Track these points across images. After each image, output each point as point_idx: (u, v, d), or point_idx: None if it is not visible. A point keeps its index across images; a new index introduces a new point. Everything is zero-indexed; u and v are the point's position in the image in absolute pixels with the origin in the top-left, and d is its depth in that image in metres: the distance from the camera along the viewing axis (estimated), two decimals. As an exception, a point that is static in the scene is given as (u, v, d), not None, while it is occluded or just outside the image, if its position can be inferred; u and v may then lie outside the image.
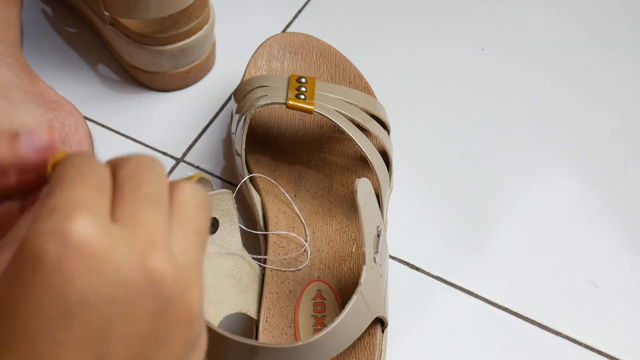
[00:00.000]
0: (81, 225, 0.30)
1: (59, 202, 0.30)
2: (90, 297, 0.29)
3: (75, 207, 0.30)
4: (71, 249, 0.29)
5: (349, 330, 0.50)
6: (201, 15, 0.66)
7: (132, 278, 0.30)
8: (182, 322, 0.32)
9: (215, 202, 0.53)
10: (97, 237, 0.30)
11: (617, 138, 0.69)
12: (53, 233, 0.29)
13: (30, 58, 0.66)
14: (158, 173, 0.34)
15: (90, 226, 0.30)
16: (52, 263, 0.29)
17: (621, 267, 0.62)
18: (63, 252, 0.29)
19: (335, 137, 0.64)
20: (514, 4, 0.77)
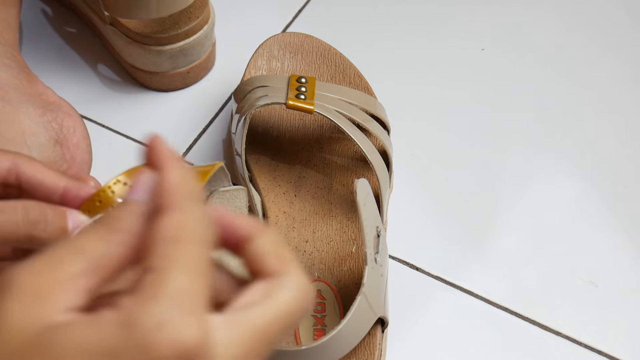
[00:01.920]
0: (199, 335, 0.30)
1: (175, 298, 0.30)
2: None
3: (189, 311, 0.30)
4: (191, 354, 0.29)
5: (354, 331, 0.51)
6: (201, 15, 0.66)
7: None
8: None
9: (231, 198, 0.53)
10: (202, 344, 0.30)
11: (617, 138, 0.69)
12: (170, 342, 0.29)
13: (30, 58, 0.67)
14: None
15: (203, 332, 0.30)
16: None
17: (621, 267, 0.62)
18: (185, 356, 0.29)
19: (335, 137, 0.64)
20: (514, 5, 0.77)
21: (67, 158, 0.58)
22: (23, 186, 0.39)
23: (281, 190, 0.61)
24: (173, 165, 0.34)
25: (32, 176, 0.39)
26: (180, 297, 0.30)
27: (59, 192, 0.39)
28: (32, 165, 0.39)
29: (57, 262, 0.31)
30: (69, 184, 0.39)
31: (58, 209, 0.37)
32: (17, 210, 0.37)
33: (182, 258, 0.31)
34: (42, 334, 0.29)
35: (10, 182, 0.39)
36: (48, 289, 0.30)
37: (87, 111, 0.68)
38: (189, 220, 0.32)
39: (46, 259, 0.31)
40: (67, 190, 0.39)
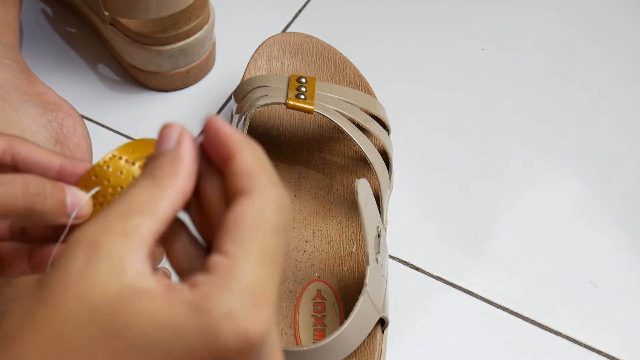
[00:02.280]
0: (262, 327, 0.30)
1: (254, 287, 0.31)
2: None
3: (270, 301, 0.31)
4: (251, 346, 0.30)
5: (358, 331, 0.51)
6: (201, 15, 0.66)
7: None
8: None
9: None
10: (267, 336, 0.31)
11: (617, 138, 0.69)
12: (237, 332, 0.30)
13: (30, 58, 0.67)
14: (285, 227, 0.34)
15: (267, 326, 0.31)
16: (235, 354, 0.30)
17: (621, 267, 0.62)
18: (245, 348, 0.30)
19: (335, 137, 0.64)
20: (514, 4, 0.77)
21: (67, 158, 0.58)
22: (19, 166, 0.39)
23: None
24: (247, 147, 0.34)
25: (28, 155, 0.39)
26: (252, 288, 0.30)
27: (55, 170, 0.39)
28: (26, 145, 0.39)
29: (123, 219, 0.31)
30: (64, 162, 0.39)
31: (57, 184, 0.38)
32: (17, 182, 0.37)
33: (257, 248, 0.31)
34: (122, 295, 0.30)
35: (6, 163, 0.39)
36: (121, 247, 0.31)
37: (87, 111, 0.68)
38: (268, 208, 0.32)
39: (112, 216, 0.32)
40: (63, 167, 0.39)
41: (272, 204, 0.33)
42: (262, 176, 0.33)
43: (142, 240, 0.31)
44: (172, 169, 0.33)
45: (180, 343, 0.30)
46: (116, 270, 0.30)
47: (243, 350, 0.30)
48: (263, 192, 0.33)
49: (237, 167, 0.33)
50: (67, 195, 0.37)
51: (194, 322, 0.30)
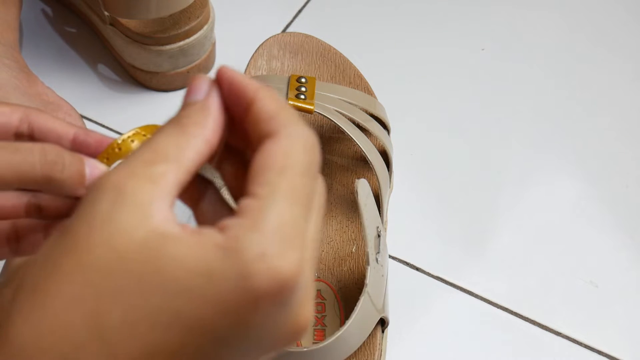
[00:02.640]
0: (294, 268, 0.29)
1: (284, 227, 0.30)
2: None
3: (297, 242, 0.30)
4: (284, 287, 0.29)
5: (359, 331, 0.51)
6: (201, 15, 0.66)
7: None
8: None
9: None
10: (301, 277, 0.30)
11: (617, 138, 0.69)
12: (270, 273, 0.29)
13: (30, 58, 0.67)
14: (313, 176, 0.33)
15: (299, 266, 0.30)
16: (267, 302, 0.29)
17: (621, 267, 0.62)
18: (278, 290, 0.29)
19: (335, 137, 0.64)
20: (514, 5, 0.77)
21: (67, 158, 0.58)
22: (35, 134, 0.39)
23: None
24: (266, 92, 0.33)
25: (44, 124, 0.39)
26: (283, 228, 0.30)
27: (69, 138, 0.39)
28: (42, 115, 0.39)
29: (149, 165, 0.31)
30: (78, 131, 0.39)
31: (76, 155, 0.37)
32: (34, 150, 0.36)
33: (286, 188, 0.31)
34: (149, 240, 0.29)
35: (23, 132, 0.39)
36: (147, 193, 0.30)
37: (87, 111, 0.68)
38: (295, 147, 0.32)
39: (138, 162, 0.31)
40: (76, 136, 0.39)
41: (299, 143, 0.32)
42: (286, 117, 0.32)
43: (167, 187, 0.30)
44: (200, 118, 0.33)
45: (213, 286, 0.29)
46: (143, 215, 0.29)
47: (276, 292, 0.29)
48: (289, 133, 0.32)
49: (260, 112, 0.32)
50: (87, 166, 0.37)
51: (226, 264, 0.29)
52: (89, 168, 0.37)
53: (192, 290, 0.28)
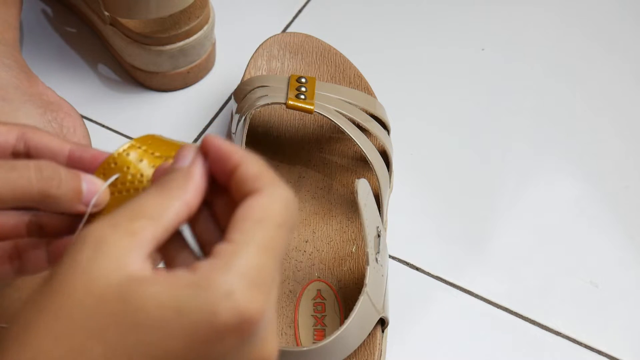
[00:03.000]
0: (263, 304, 0.32)
1: (253, 271, 0.33)
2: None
3: (270, 284, 0.33)
4: (247, 324, 0.32)
5: (359, 331, 0.51)
6: (201, 15, 0.66)
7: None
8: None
9: None
10: (263, 318, 0.33)
11: (617, 138, 0.69)
12: (234, 310, 0.32)
13: (30, 58, 0.66)
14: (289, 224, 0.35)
15: (263, 305, 0.32)
16: (231, 334, 0.32)
17: (621, 267, 0.62)
18: (242, 326, 0.32)
19: (335, 137, 0.64)
20: (514, 4, 0.77)
21: (67, 158, 0.58)
22: (31, 152, 0.40)
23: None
24: (251, 157, 0.36)
25: (39, 142, 0.40)
26: (252, 272, 0.33)
27: (65, 155, 0.40)
28: (38, 133, 0.40)
29: (131, 220, 0.33)
30: (73, 147, 0.40)
31: (72, 171, 0.38)
32: (30, 167, 0.37)
33: (260, 236, 0.34)
34: (124, 285, 0.32)
35: (19, 150, 0.40)
36: (125, 244, 0.33)
37: (87, 111, 0.68)
38: (275, 204, 0.35)
39: (121, 217, 0.34)
40: (71, 152, 0.40)
41: (279, 201, 0.35)
42: (269, 178, 0.35)
43: (145, 240, 0.33)
44: (182, 183, 0.35)
45: (183, 321, 0.31)
46: (120, 263, 0.32)
47: (241, 329, 0.32)
48: (271, 191, 0.35)
49: (245, 174, 0.35)
50: (83, 182, 0.38)
51: (195, 301, 0.31)
52: (85, 184, 0.38)
53: (164, 325, 0.31)
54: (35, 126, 0.41)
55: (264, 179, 0.35)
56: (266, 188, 0.35)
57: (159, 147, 0.40)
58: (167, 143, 0.41)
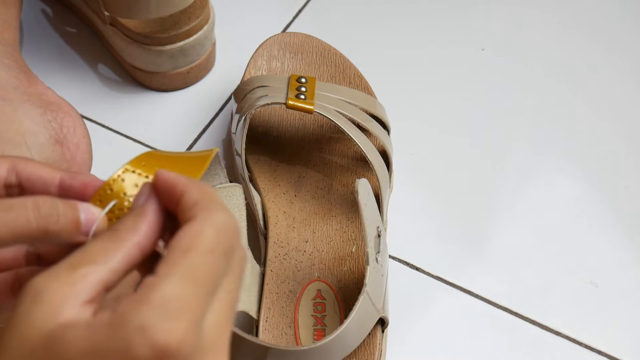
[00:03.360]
0: (179, 334, 0.32)
1: (171, 300, 0.32)
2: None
3: (184, 313, 0.32)
4: (165, 357, 0.32)
5: (358, 331, 0.51)
6: (201, 15, 0.66)
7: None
8: None
9: (228, 196, 0.53)
10: (186, 348, 0.32)
11: (617, 138, 0.69)
12: (147, 333, 0.32)
13: (30, 58, 0.67)
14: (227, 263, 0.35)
15: (185, 336, 0.32)
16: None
17: (621, 267, 0.62)
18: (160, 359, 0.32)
19: (335, 137, 0.64)
20: (514, 5, 0.77)
21: (67, 158, 0.58)
22: (23, 183, 0.40)
23: (281, 190, 0.61)
24: (194, 185, 0.36)
25: (30, 172, 0.40)
26: (168, 303, 0.32)
27: (55, 184, 0.40)
28: (29, 163, 0.40)
29: (72, 269, 0.34)
30: (63, 175, 0.40)
31: (69, 202, 0.38)
32: (28, 205, 0.37)
33: (184, 265, 0.33)
34: (52, 333, 0.32)
35: (11, 183, 0.40)
36: (62, 294, 0.33)
37: (87, 111, 0.68)
38: (205, 230, 0.34)
39: (62, 267, 0.34)
40: (62, 180, 0.40)
41: (211, 226, 0.35)
42: (206, 204, 0.35)
43: (86, 287, 0.33)
44: (134, 224, 0.36)
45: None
46: (53, 313, 0.33)
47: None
48: (203, 217, 0.35)
49: (184, 203, 0.35)
50: (81, 212, 0.38)
51: (111, 340, 0.32)
52: (83, 214, 0.38)
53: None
54: (25, 157, 0.41)
55: (199, 205, 0.35)
56: (200, 213, 0.35)
57: (152, 168, 0.40)
58: (163, 159, 0.41)
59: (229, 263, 0.35)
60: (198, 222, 0.34)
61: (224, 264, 0.35)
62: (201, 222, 0.35)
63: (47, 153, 0.57)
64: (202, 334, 0.33)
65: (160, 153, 0.42)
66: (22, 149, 0.56)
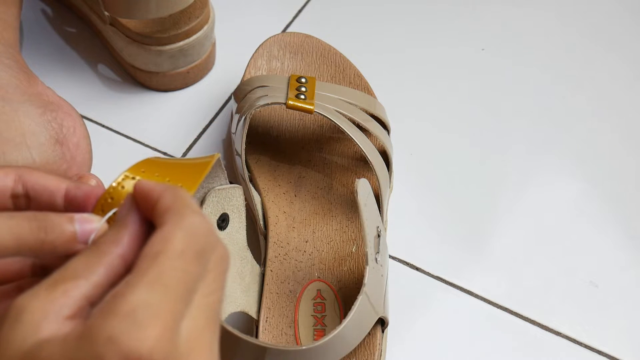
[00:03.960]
0: (150, 342, 0.32)
1: (140, 308, 0.32)
2: None
3: (154, 320, 0.32)
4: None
5: (357, 331, 0.51)
6: (201, 15, 0.66)
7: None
8: None
9: (227, 197, 0.53)
10: (159, 355, 0.32)
11: (617, 138, 0.69)
12: (117, 344, 0.31)
13: (30, 58, 0.67)
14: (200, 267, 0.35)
15: (157, 343, 0.32)
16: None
17: (621, 267, 0.62)
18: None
19: (335, 137, 0.64)
20: (514, 5, 0.77)
21: (67, 158, 0.58)
22: (29, 193, 0.40)
23: (281, 190, 0.61)
24: (168, 190, 0.36)
25: (36, 182, 0.40)
26: (135, 310, 0.32)
27: (61, 194, 0.40)
28: (35, 174, 0.41)
29: (53, 287, 0.34)
30: (69, 185, 0.40)
31: (64, 215, 0.39)
32: (25, 220, 0.38)
33: (153, 271, 0.33)
34: (31, 349, 0.32)
35: (18, 192, 0.40)
36: (41, 311, 0.33)
37: (87, 111, 0.68)
38: (175, 234, 0.34)
39: (43, 285, 0.34)
40: (67, 190, 0.40)
41: (181, 230, 0.34)
42: (177, 209, 0.35)
43: (68, 303, 0.33)
44: (115, 237, 0.36)
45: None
46: (33, 330, 0.33)
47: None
48: (174, 221, 0.35)
49: (158, 209, 0.36)
50: (76, 224, 0.38)
51: (81, 353, 0.32)
52: (78, 224, 0.38)
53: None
54: (31, 167, 0.42)
55: (171, 211, 0.35)
56: (170, 219, 0.35)
57: (152, 175, 0.40)
58: (162, 166, 0.41)
59: (203, 266, 0.35)
60: (168, 226, 0.34)
61: (197, 268, 0.34)
62: (171, 226, 0.34)
63: (47, 153, 0.57)
64: (179, 340, 0.33)
65: (160, 160, 0.42)
66: (22, 149, 0.56)
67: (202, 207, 0.51)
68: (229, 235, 0.54)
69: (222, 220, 0.53)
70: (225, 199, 0.53)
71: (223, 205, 0.53)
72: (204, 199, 0.51)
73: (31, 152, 0.56)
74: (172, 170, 0.41)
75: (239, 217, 0.54)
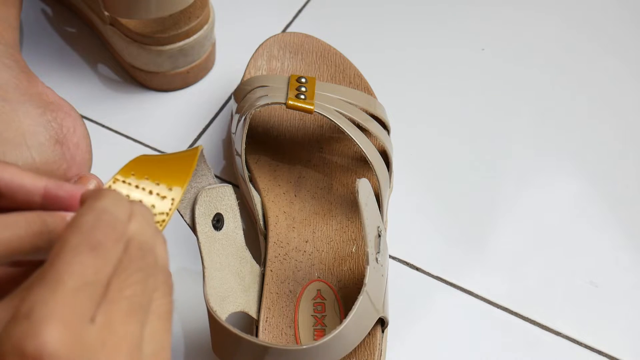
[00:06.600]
0: (48, 339, 0.31)
1: (35, 307, 0.31)
2: None
3: (49, 318, 0.31)
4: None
5: (357, 330, 0.51)
6: (201, 15, 0.66)
7: None
8: None
9: (219, 197, 0.53)
10: (64, 351, 0.31)
11: (617, 138, 0.69)
12: (17, 347, 0.31)
13: (30, 58, 0.66)
14: (150, 268, 0.35)
15: (58, 340, 0.31)
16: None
17: (621, 267, 0.62)
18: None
19: (335, 137, 0.64)
20: (514, 5, 0.77)
21: (67, 158, 0.58)
22: (3, 191, 0.39)
23: (281, 190, 0.61)
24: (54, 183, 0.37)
25: (10, 180, 0.39)
26: (32, 311, 0.31)
27: (39, 193, 0.39)
28: (8, 169, 0.39)
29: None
30: (48, 184, 0.39)
31: (58, 216, 0.38)
32: (20, 224, 0.37)
33: (50, 271, 0.32)
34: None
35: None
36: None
37: (87, 111, 0.68)
38: (82, 223, 0.34)
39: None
40: (47, 189, 0.39)
41: (76, 227, 0.34)
42: (82, 209, 0.35)
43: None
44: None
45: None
46: None
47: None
48: (73, 219, 0.34)
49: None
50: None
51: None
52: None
53: None
54: (5, 161, 0.40)
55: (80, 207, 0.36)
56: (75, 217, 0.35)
57: (142, 176, 0.40)
58: (151, 164, 0.41)
59: (111, 258, 0.34)
60: (68, 228, 0.34)
61: (98, 260, 0.33)
62: (69, 227, 0.34)
63: (47, 153, 0.57)
64: (89, 334, 0.32)
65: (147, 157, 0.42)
66: (22, 149, 0.56)
67: (195, 207, 0.51)
68: (226, 235, 0.54)
69: (217, 220, 0.53)
70: (216, 198, 0.53)
71: (216, 205, 0.53)
72: (196, 199, 0.51)
73: (31, 152, 0.56)
74: (161, 167, 0.40)
75: (234, 216, 0.54)
